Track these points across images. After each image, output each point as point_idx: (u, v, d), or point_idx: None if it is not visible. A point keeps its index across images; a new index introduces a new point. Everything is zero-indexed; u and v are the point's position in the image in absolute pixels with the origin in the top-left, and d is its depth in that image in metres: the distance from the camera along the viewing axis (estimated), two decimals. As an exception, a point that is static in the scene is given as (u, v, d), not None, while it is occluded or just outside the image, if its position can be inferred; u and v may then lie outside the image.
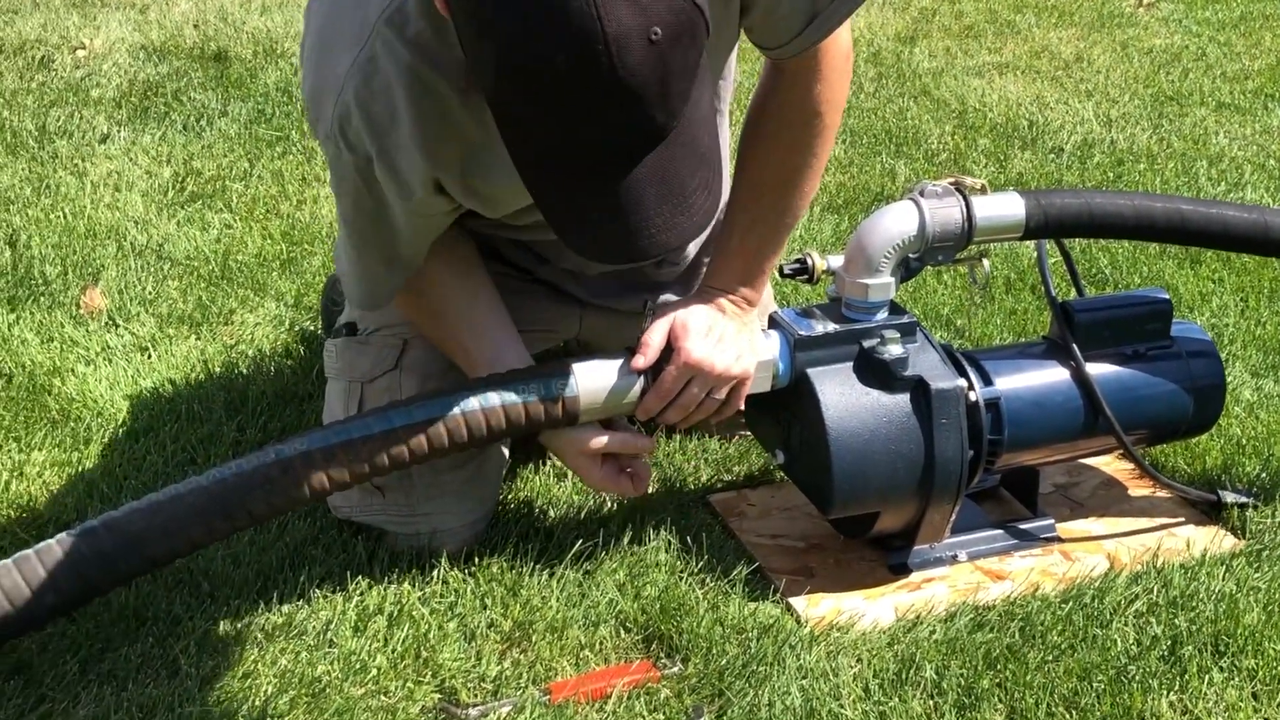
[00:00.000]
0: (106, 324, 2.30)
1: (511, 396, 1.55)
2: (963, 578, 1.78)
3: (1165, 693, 1.53)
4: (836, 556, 1.82)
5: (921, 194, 1.70)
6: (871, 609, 1.70)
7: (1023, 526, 1.87)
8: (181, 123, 3.28)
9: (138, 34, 4.09)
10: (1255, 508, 1.89)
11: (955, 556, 1.81)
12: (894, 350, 1.66)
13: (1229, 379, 2.25)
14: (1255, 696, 1.54)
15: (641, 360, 1.60)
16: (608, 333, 1.90)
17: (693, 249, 1.92)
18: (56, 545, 1.43)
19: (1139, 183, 3.21)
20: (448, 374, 1.73)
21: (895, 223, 1.69)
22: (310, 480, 1.48)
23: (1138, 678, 1.55)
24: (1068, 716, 1.50)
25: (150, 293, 2.39)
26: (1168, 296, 1.87)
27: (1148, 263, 2.70)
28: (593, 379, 1.59)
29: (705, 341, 1.60)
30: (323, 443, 1.49)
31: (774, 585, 1.74)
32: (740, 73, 3.02)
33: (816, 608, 1.71)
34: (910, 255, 1.72)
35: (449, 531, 1.73)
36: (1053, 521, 1.88)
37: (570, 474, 1.91)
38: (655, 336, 1.61)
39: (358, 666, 1.52)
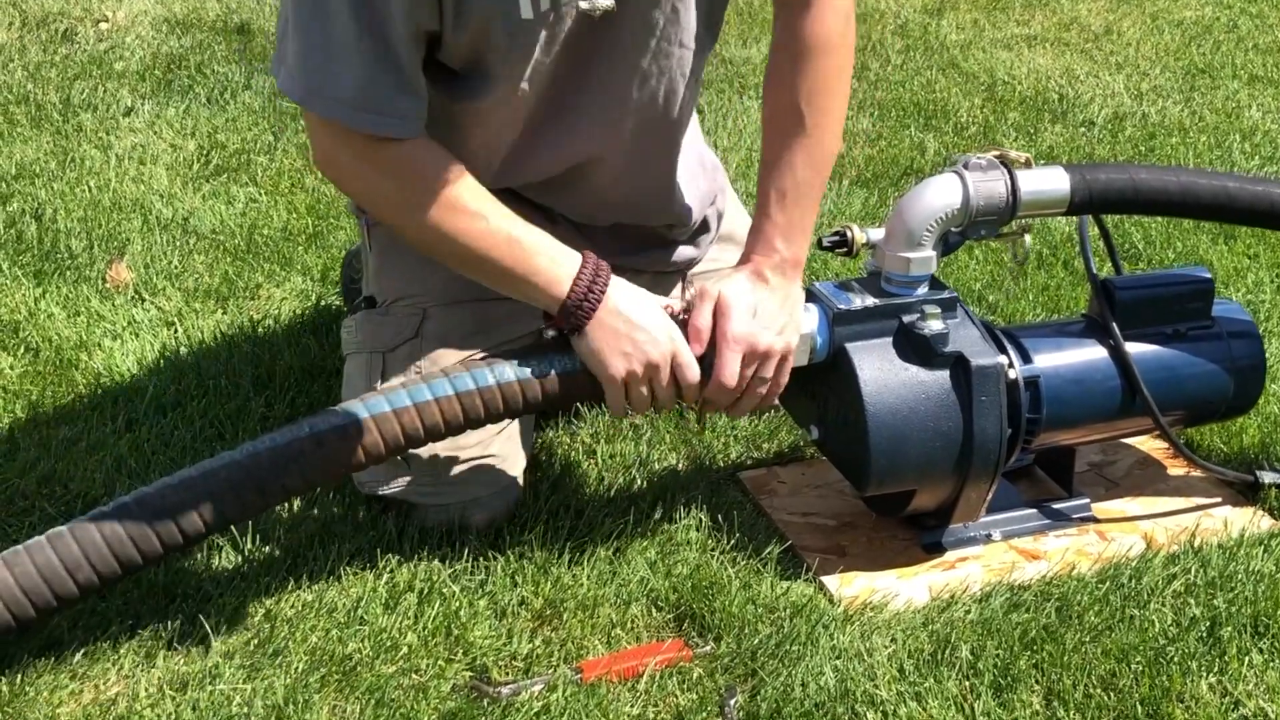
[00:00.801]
0: (133, 298, 2.29)
1: (545, 368, 1.54)
2: (997, 557, 1.76)
3: (1205, 674, 1.51)
4: (869, 535, 1.80)
5: (965, 167, 1.67)
6: (905, 588, 1.69)
7: (1057, 506, 1.85)
8: (205, 96, 3.26)
9: (160, 7, 4.07)
10: (1294, 487, 1.86)
11: (990, 536, 1.79)
12: (934, 326, 1.64)
13: (1268, 356, 2.22)
14: (1296, 679, 1.52)
15: (697, 347, 1.58)
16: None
17: (698, 208, 1.90)
18: (90, 522, 1.42)
19: (1172, 156, 3.17)
20: (469, 340, 1.73)
21: (938, 196, 1.67)
22: (344, 453, 1.47)
23: (1176, 659, 1.53)
24: (1105, 698, 1.48)
25: (176, 267, 2.38)
26: (1209, 275, 1.84)
27: (1181, 238, 2.66)
28: None
29: (748, 319, 1.58)
30: (357, 416, 1.48)
31: (806, 564, 1.73)
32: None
33: (849, 587, 1.69)
34: (952, 229, 1.69)
35: (478, 501, 1.72)
36: (1088, 501, 1.86)
37: (602, 447, 1.90)
38: (702, 319, 1.58)
39: (388, 644, 1.51)
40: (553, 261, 1.55)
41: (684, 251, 1.94)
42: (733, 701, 1.46)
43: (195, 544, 1.48)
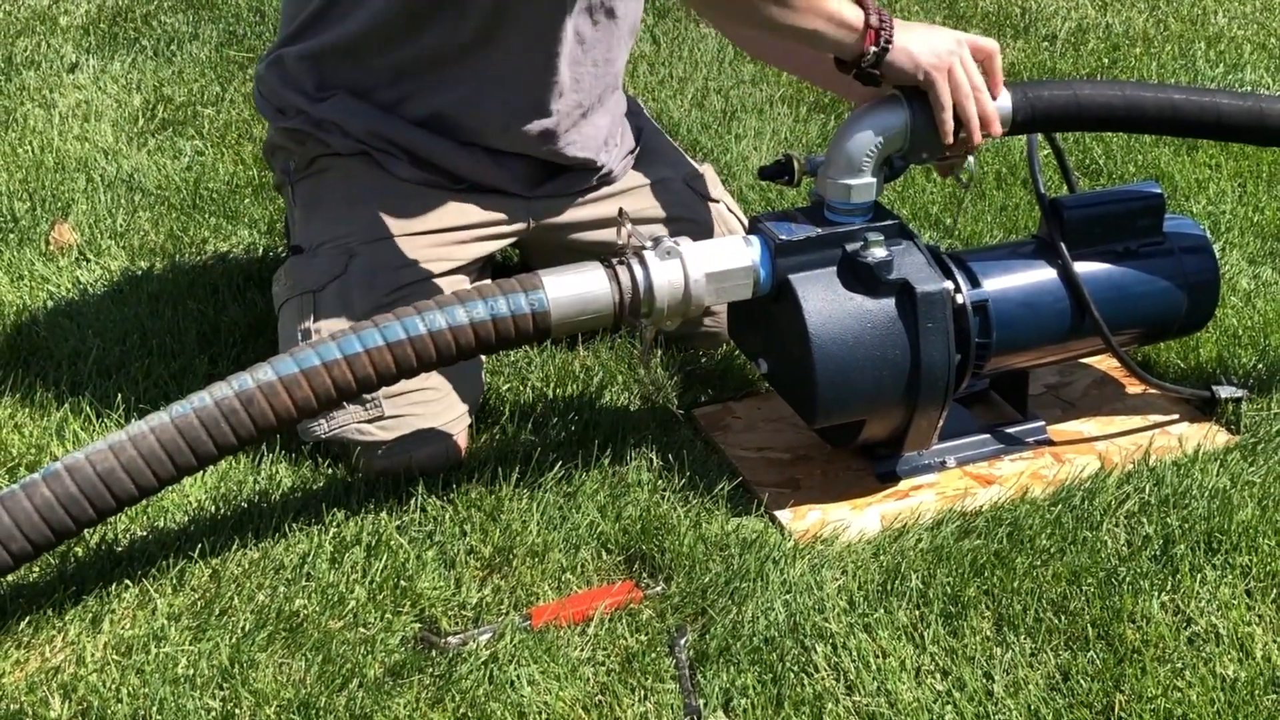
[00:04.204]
0: (77, 259, 2.25)
1: (480, 312, 1.51)
2: (951, 484, 1.75)
3: (1157, 593, 1.50)
4: (824, 467, 1.79)
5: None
6: (858, 520, 1.68)
7: (1012, 430, 1.83)
8: (151, 48, 3.20)
9: (106, -43, 3.98)
10: (1250, 400, 1.85)
11: (944, 463, 1.78)
12: (878, 253, 1.61)
13: (1226, 268, 2.21)
14: (1249, 594, 1.52)
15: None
16: (563, 231, 1.94)
17: (603, 155, 1.94)
18: (21, 490, 1.40)
19: (1134, 68, 3.13)
20: (396, 274, 1.76)
21: (878, 120, 1.63)
22: (274, 409, 1.44)
23: (1128, 579, 1.52)
24: (1056, 621, 1.47)
25: (121, 225, 2.34)
26: (1160, 191, 1.81)
27: (1142, 151, 2.63)
28: (564, 289, 1.54)
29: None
30: (286, 370, 1.45)
31: (758, 499, 1.71)
32: None
33: (802, 520, 1.68)
34: (894, 154, 1.66)
35: (421, 436, 1.70)
36: (1043, 424, 1.84)
37: (552, 390, 1.88)
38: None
39: (335, 599, 1.50)
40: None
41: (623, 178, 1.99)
42: (683, 641, 1.46)
43: (131, 505, 1.46)
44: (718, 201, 2.07)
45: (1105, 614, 1.47)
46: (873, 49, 1.60)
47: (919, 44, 1.60)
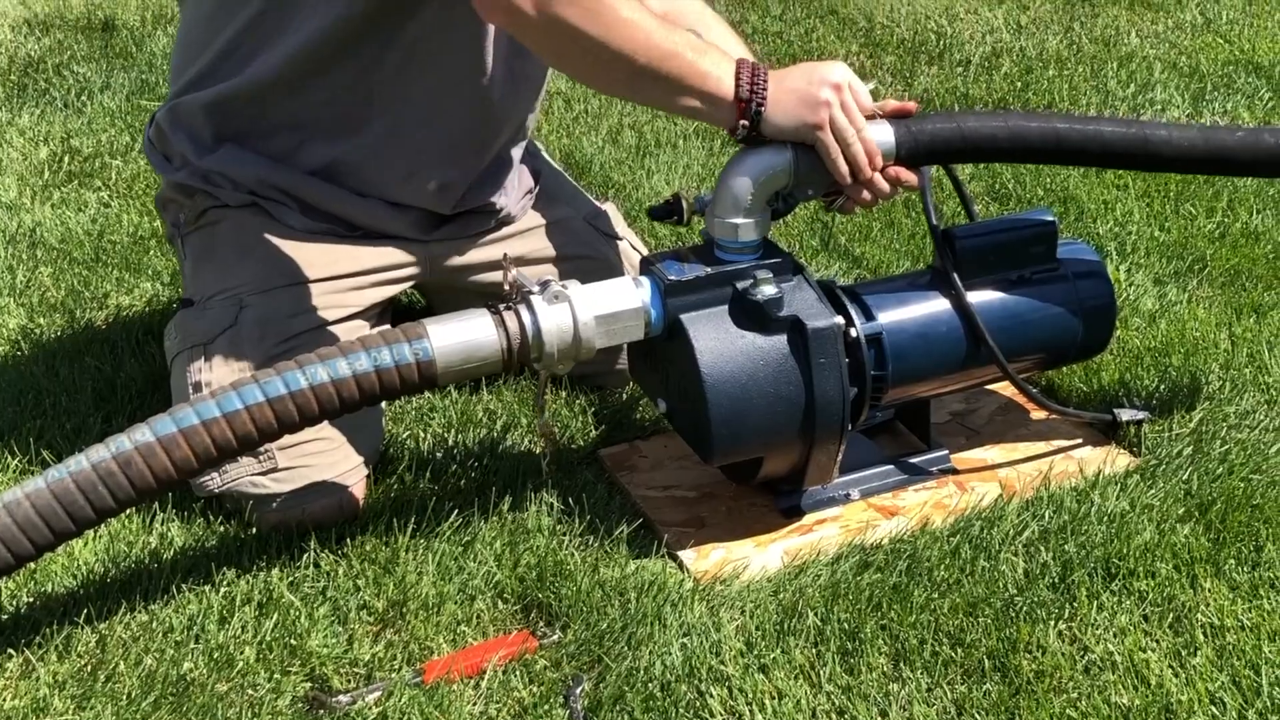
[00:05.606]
0: (-25, 318, 2.21)
1: (363, 364, 1.49)
2: (855, 517, 1.75)
3: (1054, 622, 1.50)
4: (729, 504, 1.78)
5: None
6: (760, 557, 1.67)
7: (916, 460, 1.83)
8: (61, 100, 3.16)
9: (22, 7, 3.95)
10: (1152, 422, 1.86)
11: (848, 495, 1.78)
12: (767, 291, 1.61)
13: (1131, 289, 2.22)
14: (1145, 619, 1.51)
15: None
16: (462, 274, 1.92)
17: (501, 198, 1.94)
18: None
19: (1046, 90, 3.16)
20: (287, 324, 1.73)
21: (761, 160, 1.63)
22: (153, 470, 1.42)
23: (1025, 609, 1.52)
24: (953, 654, 1.46)
25: (21, 282, 2.31)
26: (1052, 218, 1.82)
27: (1051, 174, 2.65)
28: (449, 337, 1.52)
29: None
30: (164, 430, 1.43)
31: (663, 540, 1.70)
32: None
33: (705, 560, 1.67)
34: (780, 191, 1.66)
35: (315, 488, 1.68)
36: (947, 453, 1.84)
37: (454, 435, 1.86)
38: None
39: (224, 660, 1.47)
40: (715, 61, 1.58)
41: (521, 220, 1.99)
42: (578, 690, 1.44)
43: (10, 574, 1.43)
44: (621, 239, 2.06)
45: (1001, 645, 1.47)
46: (743, 122, 1.58)
47: (793, 105, 1.58)
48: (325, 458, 1.70)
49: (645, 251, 2.10)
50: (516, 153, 1.95)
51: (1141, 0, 3.86)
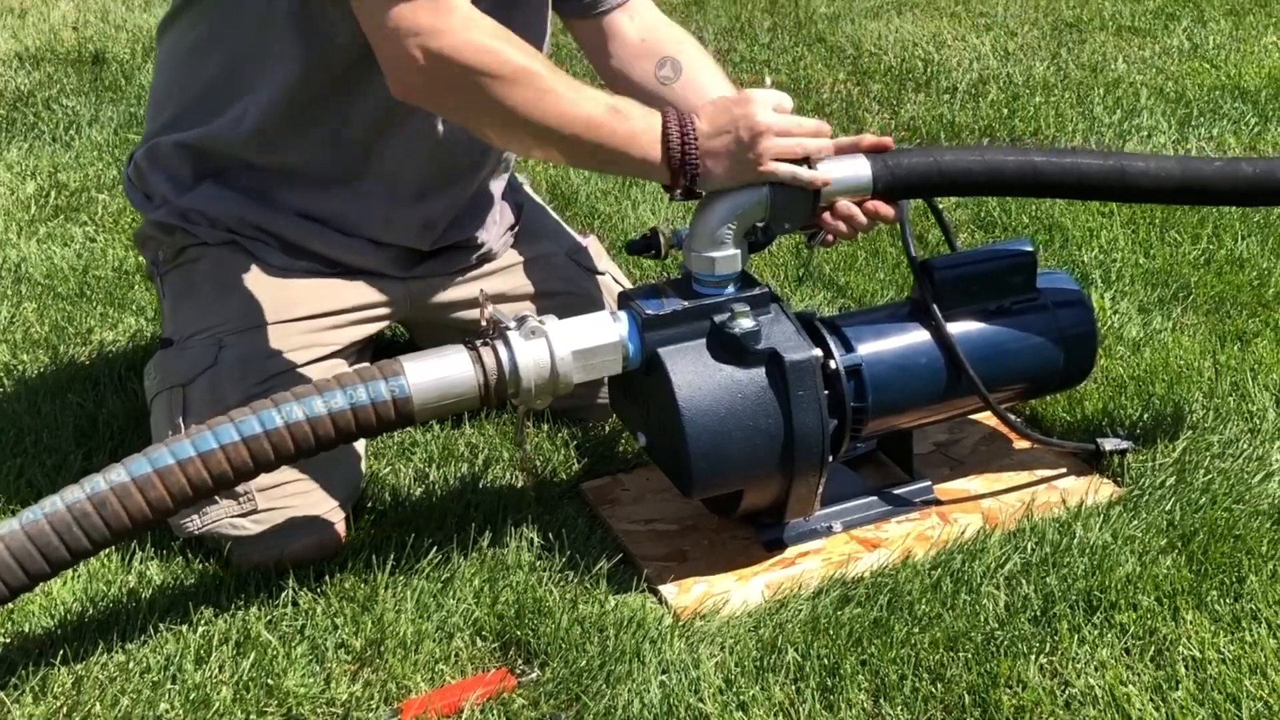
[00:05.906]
0: (-41, 355, 2.21)
1: (339, 402, 1.48)
2: (837, 549, 1.74)
3: (1035, 656, 1.49)
4: (711, 538, 1.77)
5: None
6: (741, 591, 1.66)
7: (899, 491, 1.83)
8: (50, 134, 3.17)
9: (14, 41, 3.97)
10: (1136, 452, 1.85)
11: (830, 528, 1.77)
12: (745, 324, 1.60)
13: (1116, 317, 2.22)
14: (1128, 652, 1.51)
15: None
16: (443, 310, 1.93)
17: (482, 234, 1.95)
18: None
19: (1033, 117, 3.17)
20: (268, 363, 1.73)
21: (738, 194, 1.63)
22: (128, 511, 1.41)
23: (1005, 643, 1.51)
24: (933, 690, 1.45)
25: (4, 317, 2.31)
26: (1031, 248, 1.82)
27: (1036, 201, 2.65)
28: (425, 375, 1.52)
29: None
30: (138, 470, 1.42)
31: (643, 574, 1.69)
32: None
33: (686, 594, 1.66)
34: (756, 224, 1.66)
35: (295, 527, 1.67)
36: (930, 484, 1.84)
37: (435, 470, 1.86)
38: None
39: (200, 701, 1.46)
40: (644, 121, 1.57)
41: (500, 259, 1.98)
42: (556, 729, 1.43)
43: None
44: (603, 274, 2.06)
45: (981, 680, 1.46)
46: (682, 183, 1.59)
47: (728, 168, 1.58)
48: (305, 499, 1.69)
49: (628, 285, 2.10)
50: (497, 186, 1.96)
51: (1128, 26, 3.88)
